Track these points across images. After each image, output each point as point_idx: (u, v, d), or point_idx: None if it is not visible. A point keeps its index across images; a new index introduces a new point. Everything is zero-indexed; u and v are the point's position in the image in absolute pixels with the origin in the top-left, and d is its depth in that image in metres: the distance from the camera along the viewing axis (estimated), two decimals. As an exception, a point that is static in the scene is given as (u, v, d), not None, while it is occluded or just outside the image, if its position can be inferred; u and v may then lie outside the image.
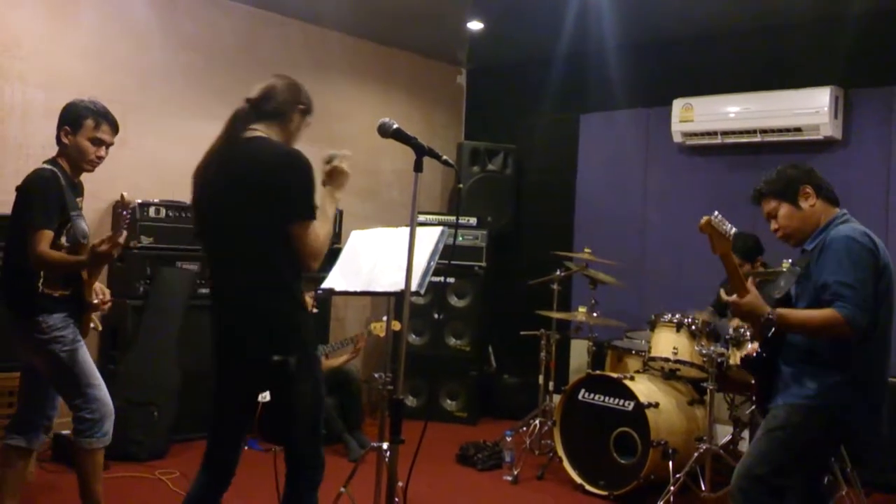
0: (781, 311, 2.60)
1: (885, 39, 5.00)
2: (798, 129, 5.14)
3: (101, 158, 3.23)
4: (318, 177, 2.65)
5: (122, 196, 2.90)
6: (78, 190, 3.28)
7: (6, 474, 3.26)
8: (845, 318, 2.48)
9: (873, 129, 5.08)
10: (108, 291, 3.38)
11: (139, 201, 4.77)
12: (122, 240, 2.94)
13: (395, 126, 2.54)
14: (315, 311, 4.86)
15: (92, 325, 3.33)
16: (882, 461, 4.47)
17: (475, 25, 5.89)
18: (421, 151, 2.53)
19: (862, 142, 5.12)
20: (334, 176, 2.69)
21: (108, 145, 3.23)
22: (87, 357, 3.23)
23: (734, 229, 2.60)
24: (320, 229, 2.53)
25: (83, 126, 3.15)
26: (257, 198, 2.49)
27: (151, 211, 4.83)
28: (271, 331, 2.53)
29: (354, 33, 6.24)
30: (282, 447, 2.67)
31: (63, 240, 3.07)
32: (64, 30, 4.80)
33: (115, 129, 3.24)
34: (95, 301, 3.25)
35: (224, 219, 2.58)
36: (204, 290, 4.93)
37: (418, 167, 2.52)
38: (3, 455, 3.29)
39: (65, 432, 4.44)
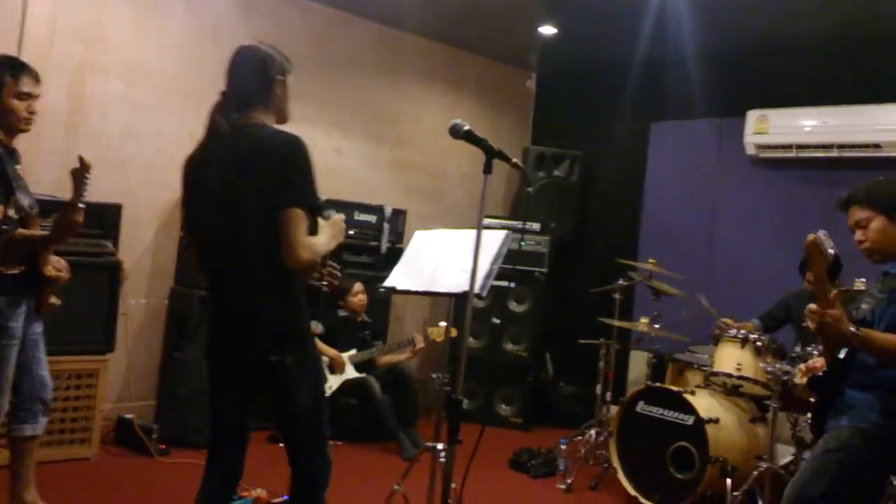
0: (866, 330, 2.49)
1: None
2: (877, 146, 4.98)
3: (33, 114, 3.03)
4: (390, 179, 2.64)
5: (80, 159, 2.75)
6: (16, 157, 3.08)
7: (19, 466, 3.25)
8: None
9: (957, 148, 4.88)
10: (64, 263, 3.19)
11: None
12: (82, 205, 2.80)
13: (466, 127, 2.53)
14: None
15: (52, 299, 3.16)
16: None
17: (547, 30, 5.86)
18: (491, 154, 2.52)
19: (944, 161, 4.93)
20: (333, 228, 2.55)
21: (36, 97, 3.02)
22: (12, 361, 3.04)
23: (835, 250, 2.50)
24: (318, 240, 2.43)
25: (4, 84, 2.94)
26: (258, 189, 2.36)
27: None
28: (269, 328, 2.44)
29: (426, 35, 6.27)
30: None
31: (11, 212, 2.88)
32: (149, 26, 4.96)
33: (36, 79, 3.03)
34: (53, 275, 3.08)
35: (223, 214, 2.43)
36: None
37: (488, 169, 2.51)
38: (11, 447, 3.27)
39: (128, 416, 4.59)
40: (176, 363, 4.84)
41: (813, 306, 2.50)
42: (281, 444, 2.59)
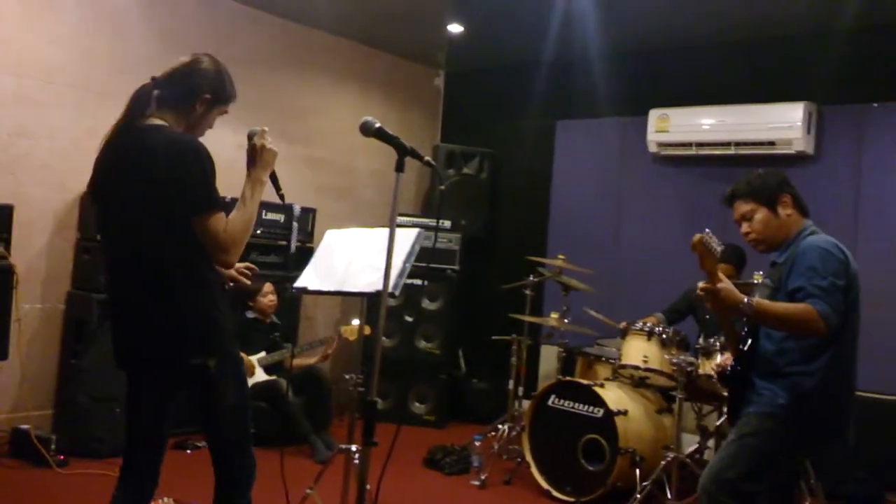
0: (757, 300, 2.60)
1: (859, 58, 5.06)
2: (772, 143, 5.20)
3: None
4: (301, 175, 2.60)
5: None
6: None
7: None
8: (819, 314, 2.49)
9: (844, 145, 5.15)
10: None
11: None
12: None
13: (377, 125, 2.49)
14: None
15: None
16: (842, 472, 4.53)
17: (455, 28, 5.88)
18: (403, 151, 2.49)
19: (833, 157, 5.19)
20: (258, 155, 2.49)
21: None
22: None
23: (721, 246, 2.60)
24: (237, 217, 2.37)
25: None
26: (154, 191, 2.31)
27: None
28: (186, 331, 2.38)
29: (335, 32, 6.20)
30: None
31: None
32: (40, 15, 4.69)
33: None
34: None
35: (123, 214, 2.40)
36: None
37: (400, 167, 2.48)
38: None
39: (24, 427, 4.36)
40: (74, 370, 4.62)
41: (703, 283, 2.60)
42: (188, 451, 2.52)
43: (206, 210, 2.31)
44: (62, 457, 4.27)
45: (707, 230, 2.55)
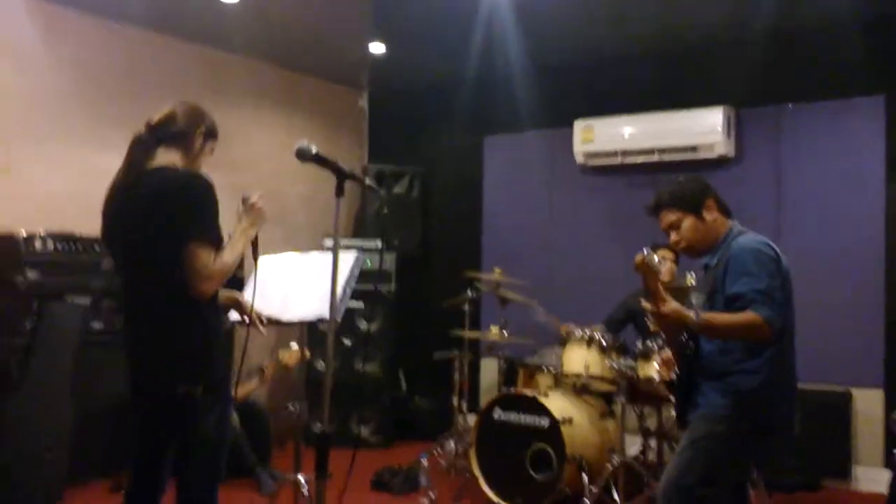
0: (703, 316, 2.63)
1: (773, 60, 5.25)
2: (694, 148, 5.35)
3: None
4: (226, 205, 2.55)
5: None
6: None
7: None
8: (765, 319, 2.54)
9: (764, 147, 5.34)
10: None
11: (24, 233, 4.47)
12: None
13: (314, 150, 2.46)
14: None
15: None
16: (781, 463, 4.66)
17: (377, 48, 5.87)
18: (342, 175, 2.46)
19: (753, 159, 5.38)
20: (252, 213, 2.65)
21: None
22: None
23: (660, 261, 2.64)
24: (223, 256, 2.48)
25: None
26: (162, 228, 2.44)
27: (38, 243, 4.50)
28: (179, 360, 2.46)
29: (255, 56, 6.11)
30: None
31: None
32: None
33: None
34: None
35: (134, 252, 2.53)
36: (98, 325, 4.67)
37: (339, 192, 2.44)
38: None
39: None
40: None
41: (650, 307, 2.63)
42: (122, 491, 2.51)
43: (200, 237, 2.41)
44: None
45: (646, 249, 2.58)
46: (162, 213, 2.44)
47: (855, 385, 4.96)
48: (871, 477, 4.87)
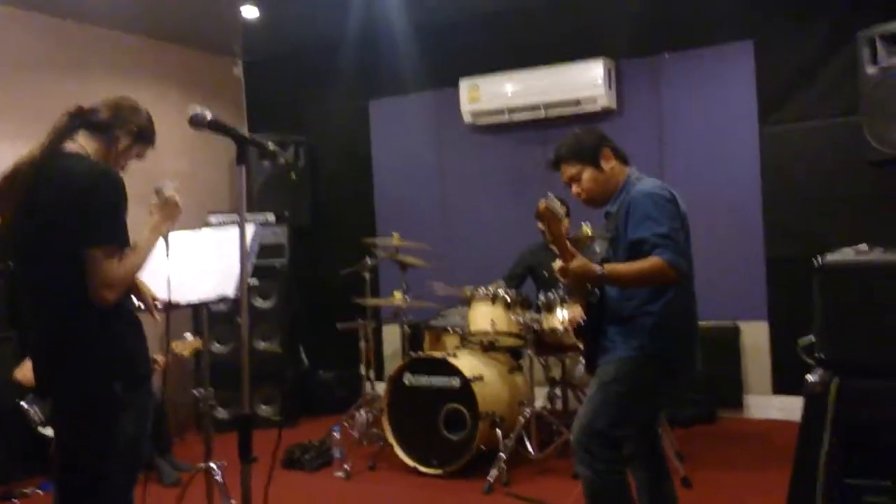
0: (610, 265, 2.68)
1: (648, 10, 5.35)
2: (577, 102, 5.42)
3: None
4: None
5: None
6: None
7: None
8: (669, 263, 2.60)
9: (644, 96, 5.47)
10: None
11: None
12: None
13: (209, 116, 2.29)
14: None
15: None
16: (678, 397, 4.86)
17: (250, 12, 5.61)
18: (243, 142, 2.31)
19: (634, 109, 5.50)
20: (165, 209, 2.54)
21: None
22: None
23: (563, 206, 2.64)
24: (131, 258, 2.33)
25: None
26: (61, 218, 2.28)
27: None
28: (88, 356, 2.31)
29: (118, 27, 5.73)
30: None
31: None
32: None
33: None
34: None
35: (31, 241, 2.35)
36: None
37: (242, 159, 2.29)
38: None
39: None
40: None
41: (558, 263, 2.65)
42: (14, 500, 2.37)
43: (106, 243, 2.27)
44: None
45: (550, 194, 2.59)
46: (64, 204, 2.27)
47: (741, 319, 5.23)
48: (760, 405, 5.17)
